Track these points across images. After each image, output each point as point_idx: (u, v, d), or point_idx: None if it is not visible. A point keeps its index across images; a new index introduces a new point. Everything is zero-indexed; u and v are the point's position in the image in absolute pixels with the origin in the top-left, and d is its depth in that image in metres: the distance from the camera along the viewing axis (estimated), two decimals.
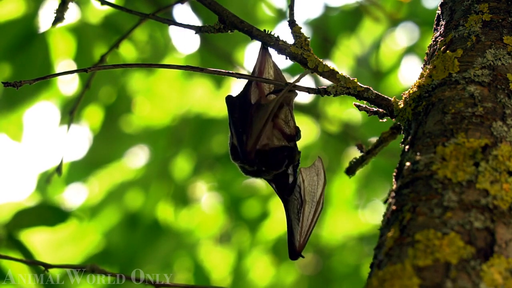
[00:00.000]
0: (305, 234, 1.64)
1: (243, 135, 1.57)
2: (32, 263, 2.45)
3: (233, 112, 1.61)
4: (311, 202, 1.64)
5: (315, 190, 1.64)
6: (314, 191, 1.64)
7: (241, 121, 1.59)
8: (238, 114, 1.60)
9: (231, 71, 1.61)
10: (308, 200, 1.64)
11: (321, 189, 1.64)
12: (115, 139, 4.15)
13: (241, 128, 1.58)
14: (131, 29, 1.90)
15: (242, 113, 1.59)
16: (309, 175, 1.65)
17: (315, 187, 1.64)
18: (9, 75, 3.33)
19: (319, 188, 1.64)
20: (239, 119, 1.59)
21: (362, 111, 1.56)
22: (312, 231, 1.64)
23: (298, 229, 1.64)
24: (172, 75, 4.47)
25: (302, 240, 1.64)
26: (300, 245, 1.64)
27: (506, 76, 1.37)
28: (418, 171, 1.27)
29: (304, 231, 1.64)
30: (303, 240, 1.64)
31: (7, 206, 4.34)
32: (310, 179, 1.65)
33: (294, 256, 1.65)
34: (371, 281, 1.17)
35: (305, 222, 1.63)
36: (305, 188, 1.64)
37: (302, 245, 1.64)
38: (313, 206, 1.64)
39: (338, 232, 4.86)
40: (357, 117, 4.30)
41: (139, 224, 4.26)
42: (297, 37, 1.55)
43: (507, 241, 1.17)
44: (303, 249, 1.65)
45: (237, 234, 4.73)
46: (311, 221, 1.64)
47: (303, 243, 1.64)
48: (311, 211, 1.64)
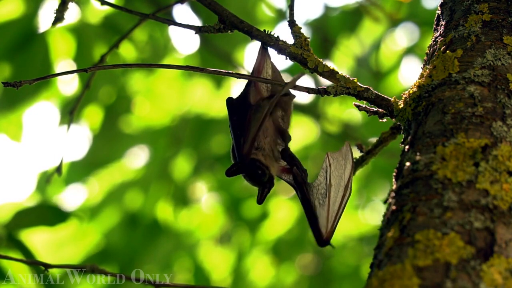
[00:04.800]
0: (332, 220, 1.53)
1: (241, 138, 1.54)
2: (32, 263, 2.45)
3: (232, 115, 1.60)
4: (338, 186, 1.56)
5: (342, 174, 1.57)
6: (341, 175, 1.57)
7: (240, 123, 1.58)
8: (237, 116, 1.59)
9: (231, 71, 1.61)
10: (334, 184, 1.56)
11: (349, 173, 1.56)
12: (115, 139, 4.15)
13: (239, 131, 1.56)
14: (131, 29, 1.90)
15: (241, 115, 1.57)
16: (336, 159, 1.58)
17: (342, 170, 1.57)
18: (9, 75, 3.33)
19: (347, 172, 1.57)
20: (238, 121, 1.58)
21: (362, 111, 1.56)
22: (340, 216, 1.54)
23: (324, 215, 1.54)
24: (172, 75, 4.47)
25: (330, 226, 1.53)
26: (328, 231, 1.53)
27: (506, 76, 1.37)
28: (418, 171, 1.27)
29: (331, 217, 1.53)
30: (331, 226, 1.53)
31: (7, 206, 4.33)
32: (336, 163, 1.58)
33: (323, 243, 1.53)
34: (371, 281, 1.17)
35: (332, 207, 1.54)
36: (332, 172, 1.56)
37: (330, 231, 1.53)
38: (340, 190, 1.56)
39: (338, 232, 4.85)
40: (357, 117, 4.30)
41: (139, 224, 4.26)
42: (297, 37, 1.55)
43: (507, 241, 1.17)
44: (332, 235, 1.53)
45: (237, 234, 4.73)
46: (339, 206, 1.54)
47: (332, 229, 1.53)
48: (338, 195, 1.55)
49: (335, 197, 1.56)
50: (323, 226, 1.54)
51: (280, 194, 4.52)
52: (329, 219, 1.54)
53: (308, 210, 1.57)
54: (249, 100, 1.60)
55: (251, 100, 1.61)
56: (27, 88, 3.29)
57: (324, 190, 1.57)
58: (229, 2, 3.41)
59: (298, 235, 4.59)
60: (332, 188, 1.56)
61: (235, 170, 1.55)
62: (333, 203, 1.55)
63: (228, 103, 1.62)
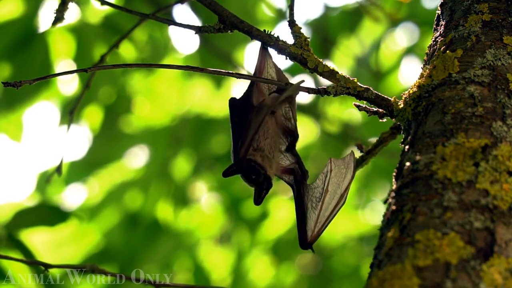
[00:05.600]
0: (320, 224, 1.55)
1: (239, 141, 1.54)
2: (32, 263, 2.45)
3: (233, 116, 1.60)
4: (334, 193, 1.57)
5: (341, 183, 1.58)
6: (339, 183, 1.58)
7: (240, 125, 1.58)
8: (238, 117, 1.58)
9: (231, 71, 1.61)
10: (331, 190, 1.57)
11: (347, 183, 1.57)
12: (115, 139, 4.15)
13: (238, 133, 1.56)
14: (131, 29, 1.90)
15: (242, 117, 1.57)
16: (338, 166, 1.59)
17: (341, 179, 1.58)
18: (9, 75, 3.33)
19: (345, 181, 1.58)
20: (238, 122, 1.58)
21: (362, 111, 1.56)
22: (328, 223, 1.55)
23: (314, 218, 1.55)
24: (172, 75, 4.47)
25: (316, 230, 1.55)
26: (313, 235, 1.55)
27: (506, 76, 1.37)
28: (418, 171, 1.27)
29: (320, 221, 1.55)
30: (317, 230, 1.55)
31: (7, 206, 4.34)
32: (337, 171, 1.58)
33: (304, 246, 1.56)
34: (371, 281, 1.17)
35: (323, 212, 1.56)
36: (331, 178, 1.57)
37: (315, 236, 1.55)
38: (335, 198, 1.57)
39: (338, 232, 4.85)
40: (357, 117, 4.30)
41: (139, 224, 4.26)
42: (297, 37, 1.55)
43: (507, 241, 1.17)
44: (316, 240, 1.55)
45: (237, 234, 4.73)
46: (330, 213, 1.56)
47: (317, 234, 1.55)
48: (332, 202, 1.56)
49: (328, 204, 1.57)
50: (310, 229, 1.56)
51: (280, 194, 4.52)
52: (317, 223, 1.56)
53: (299, 210, 1.58)
54: (251, 101, 1.60)
55: (254, 101, 1.60)
56: (27, 88, 3.30)
57: (319, 194, 1.58)
58: (229, 2, 3.41)
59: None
60: (327, 194, 1.57)
61: (232, 171, 1.55)
62: (325, 209, 1.57)
63: (231, 104, 1.62)
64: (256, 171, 1.54)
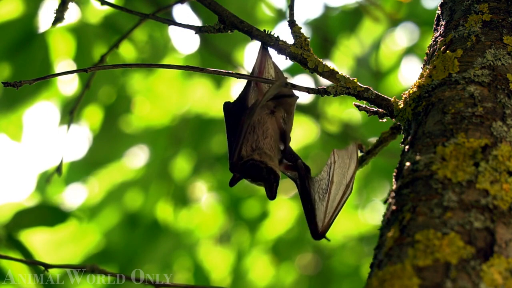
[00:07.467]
0: (330, 215, 1.56)
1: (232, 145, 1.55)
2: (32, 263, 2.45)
3: (228, 120, 1.60)
4: (340, 183, 1.58)
5: (345, 172, 1.59)
6: (344, 173, 1.59)
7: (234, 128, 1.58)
8: (233, 120, 1.58)
9: (231, 71, 1.61)
10: (336, 181, 1.58)
11: (352, 172, 1.58)
12: (115, 139, 4.15)
13: (233, 137, 1.56)
14: (131, 29, 1.90)
15: (236, 119, 1.57)
16: (341, 157, 1.60)
17: (346, 169, 1.59)
18: (9, 75, 3.33)
19: (350, 171, 1.59)
20: (232, 126, 1.58)
21: (362, 111, 1.56)
22: (338, 213, 1.57)
23: (322, 209, 1.56)
24: (171, 75, 4.47)
25: (326, 221, 1.56)
26: (324, 226, 1.56)
27: (506, 76, 1.37)
28: (418, 171, 1.27)
29: (329, 212, 1.56)
30: (327, 221, 1.56)
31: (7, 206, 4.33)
32: (341, 161, 1.59)
33: (317, 236, 1.57)
34: (371, 281, 1.17)
35: (330, 202, 1.56)
36: (336, 169, 1.58)
37: (326, 226, 1.56)
38: (341, 188, 1.58)
39: (338, 232, 4.85)
40: (357, 117, 4.30)
41: (139, 224, 4.26)
42: (297, 37, 1.55)
43: (507, 241, 1.17)
44: (327, 230, 1.57)
45: (236, 234, 4.73)
46: (338, 203, 1.57)
47: (328, 224, 1.56)
48: (339, 192, 1.57)
49: (335, 194, 1.58)
50: (320, 220, 1.57)
51: (280, 194, 4.52)
52: (326, 214, 1.57)
53: (307, 203, 1.58)
54: (246, 103, 1.60)
55: (249, 102, 1.61)
56: (27, 88, 3.30)
57: (325, 186, 1.58)
58: (229, 2, 3.41)
59: (298, 234, 4.59)
60: (333, 185, 1.58)
61: (237, 179, 1.56)
62: (332, 200, 1.57)
63: (225, 109, 1.62)
64: (256, 168, 1.54)
